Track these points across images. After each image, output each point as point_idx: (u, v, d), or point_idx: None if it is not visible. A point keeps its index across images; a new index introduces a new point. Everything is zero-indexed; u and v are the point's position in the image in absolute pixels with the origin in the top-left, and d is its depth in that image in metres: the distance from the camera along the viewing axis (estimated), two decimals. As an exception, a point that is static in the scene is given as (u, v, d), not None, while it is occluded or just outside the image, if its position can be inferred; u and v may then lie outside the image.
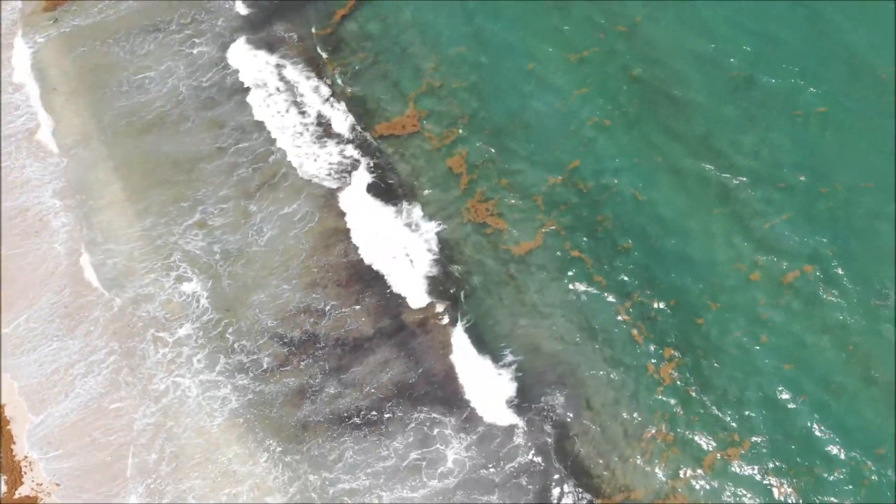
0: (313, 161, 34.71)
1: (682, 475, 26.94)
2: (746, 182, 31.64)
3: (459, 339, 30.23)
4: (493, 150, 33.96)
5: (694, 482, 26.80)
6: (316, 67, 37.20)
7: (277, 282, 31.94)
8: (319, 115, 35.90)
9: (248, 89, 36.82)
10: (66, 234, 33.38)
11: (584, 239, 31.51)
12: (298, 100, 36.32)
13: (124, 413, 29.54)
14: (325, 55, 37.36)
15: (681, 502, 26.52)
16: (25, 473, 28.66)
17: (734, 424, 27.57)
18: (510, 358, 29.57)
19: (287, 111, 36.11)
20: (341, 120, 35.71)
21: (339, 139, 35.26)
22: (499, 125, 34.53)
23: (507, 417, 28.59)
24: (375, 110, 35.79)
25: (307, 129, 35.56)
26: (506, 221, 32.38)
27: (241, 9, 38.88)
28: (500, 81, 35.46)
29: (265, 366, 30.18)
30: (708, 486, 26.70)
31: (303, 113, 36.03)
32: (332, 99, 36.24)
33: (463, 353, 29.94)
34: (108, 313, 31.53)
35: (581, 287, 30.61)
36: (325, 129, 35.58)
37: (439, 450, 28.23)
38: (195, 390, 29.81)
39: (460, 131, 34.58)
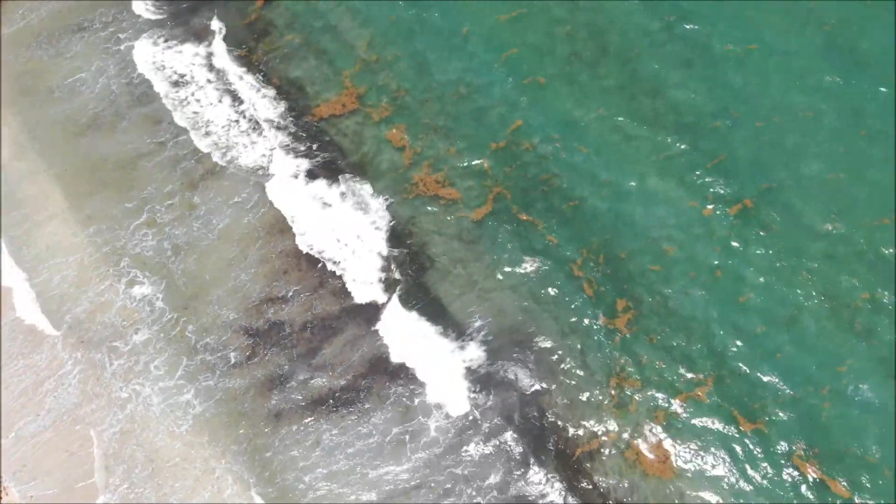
0: (251, 151, 33.75)
1: (650, 419, 27.13)
2: (686, 123, 31.43)
3: (394, 315, 29.88)
4: (435, 120, 33.28)
5: (662, 424, 27.04)
6: (245, 54, 36.08)
7: (236, 272, 31.24)
8: (253, 104, 34.75)
9: (176, 84, 35.67)
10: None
11: (533, 200, 31.17)
12: (230, 89, 35.18)
13: (97, 423, 28.91)
14: (252, 42, 36.20)
15: (652, 443, 26.82)
16: (2, 498, 28.03)
17: (696, 365, 27.72)
18: (478, 323, 29.36)
19: (220, 101, 34.98)
20: (276, 106, 34.64)
21: (276, 125, 34.17)
22: (439, 93, 33.79)
23: (471, 386, 28.50)
24: (311, 92, 34.81)
25: (243, 117, 34.51)
26: (457, 190, 31.83)
27: (143, 12, 37.55)
28: (435, 48, 34.63)
29: (232, 361, 29.64)
30: (677, 427, 26.95)
31: (235, 102, 34.90)
32: (264, 85, 35.16)
33: (406, 332, 29.61)
34: (65, 326, 30.74)
35: (535, 249, 30.31)
36: (261, 117, 34.47)
37: (421, 421, 28.00)
38: (156, 399, 29.18)
39: (400, 104, 33.77)
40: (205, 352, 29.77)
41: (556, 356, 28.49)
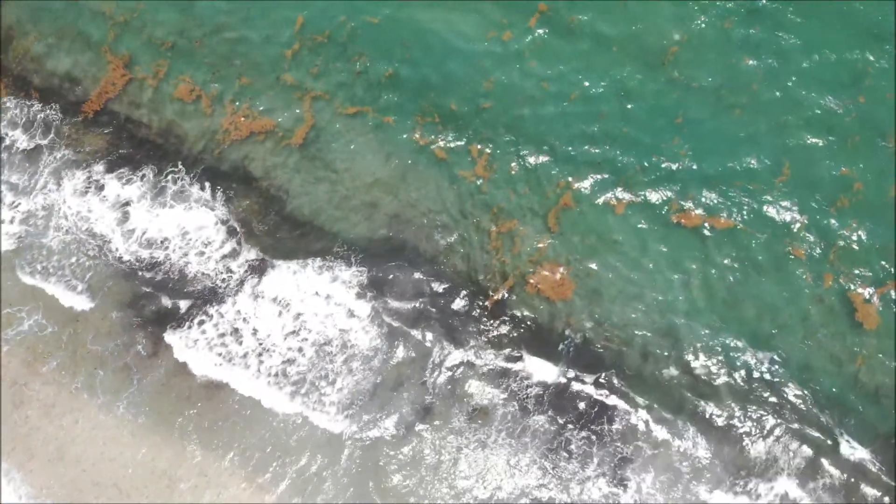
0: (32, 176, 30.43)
1: (538, 247, 27.59)
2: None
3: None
4: (214, 56, 30.76)
5: (550, 247, 27.57)
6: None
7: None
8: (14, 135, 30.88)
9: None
10: None
11: (352, 88, 29.86)
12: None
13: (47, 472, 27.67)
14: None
15: (548, 268, 27.38)
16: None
17: (557, 174, 28.19)
18: (349, 240, 28.47)
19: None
20: (41, 118, 30.81)
21: (46, 146, 30.52)
22: (208, 27, 31.08)
23: (367, 295, 27.90)
24: (82, 81, 31.19)
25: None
26: (271, 118, 29.93)
27: None
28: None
29: (143, 353, 28.01)
30: (561, 244, 27.51)
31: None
32: (24, 101, 31.16)
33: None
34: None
35: (375, 137, 29.32)
36: (31, 145, 30.65)
37: (347, 343, 27.44)
38: (88, 424, 27.64)
39: (174, 54, 30.86)
40: (114, 357, 28.12)
41: (437, 229, 28.19)
